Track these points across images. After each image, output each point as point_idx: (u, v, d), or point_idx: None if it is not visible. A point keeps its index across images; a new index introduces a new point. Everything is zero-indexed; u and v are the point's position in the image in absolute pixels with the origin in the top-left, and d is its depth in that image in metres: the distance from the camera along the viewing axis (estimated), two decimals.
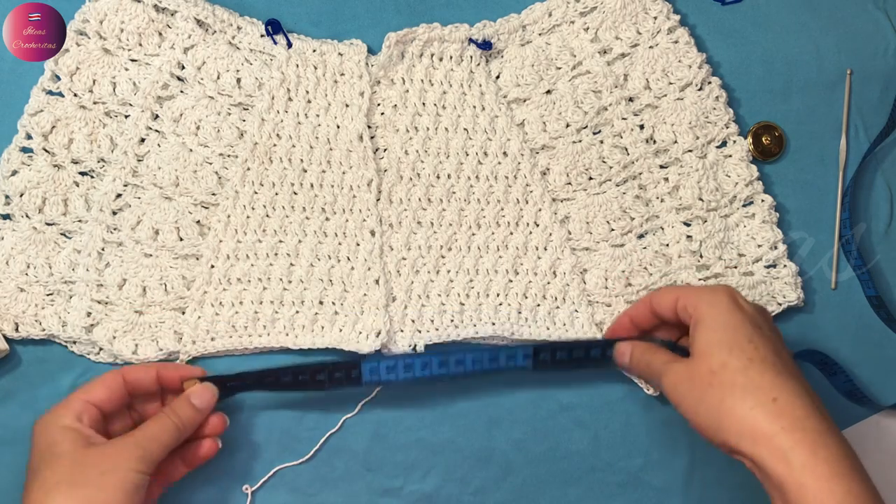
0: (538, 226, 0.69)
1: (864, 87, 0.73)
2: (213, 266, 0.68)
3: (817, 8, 0.73)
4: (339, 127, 0.69)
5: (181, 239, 0.68)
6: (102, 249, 0.67)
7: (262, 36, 0.69)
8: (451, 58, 0.69)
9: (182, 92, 0.68)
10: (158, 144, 0.68)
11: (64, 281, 0.67)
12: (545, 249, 0.69)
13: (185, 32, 0.68)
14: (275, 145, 0.68)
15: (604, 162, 0.70)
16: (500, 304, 0.69)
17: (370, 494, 0.69)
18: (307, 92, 0.69)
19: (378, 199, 0.69)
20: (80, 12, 0.68)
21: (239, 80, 0.68)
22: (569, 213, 0.70)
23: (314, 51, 0.69)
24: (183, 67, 0.68)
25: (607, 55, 0.70)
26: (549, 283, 0.69)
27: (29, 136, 0.67)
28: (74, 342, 0.68)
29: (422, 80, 0.69)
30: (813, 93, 0.73)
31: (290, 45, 0.69)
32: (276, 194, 0.68)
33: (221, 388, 0.64)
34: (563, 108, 0.69)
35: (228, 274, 0.68)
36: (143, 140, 0.68)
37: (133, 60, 0.68)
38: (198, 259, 0.68)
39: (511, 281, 0.69)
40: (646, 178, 0.70)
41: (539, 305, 0.69)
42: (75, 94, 0.67)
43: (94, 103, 0.68)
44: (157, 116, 0.68)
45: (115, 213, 0.68)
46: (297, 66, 0.69)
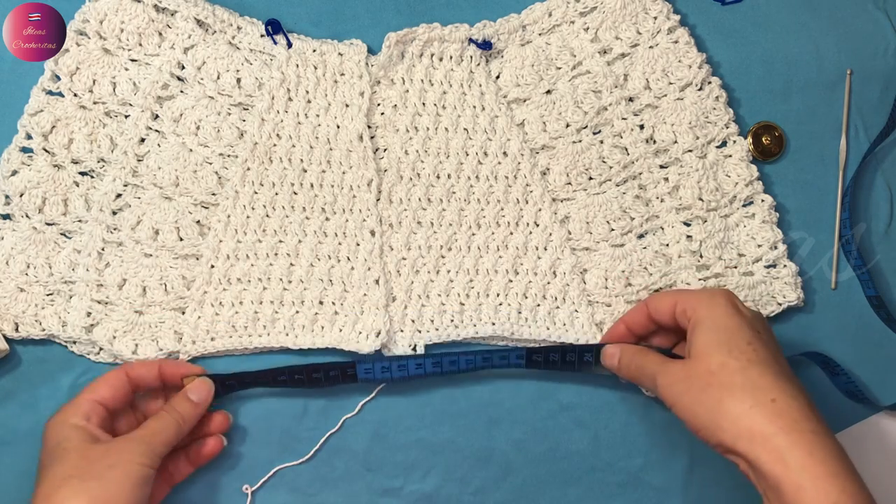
0: (538, 226, 0.69)
1: (864, 87, 0.73)
2: (213, 266, 0.68)
3: (817, 8, 0.73)
4: (339, 127, 0.69)
5: (181, 239, 0.68)
6: (102, 249, 0.67)
7: (262, 36, 0.69)
8: (451, 58, 0.69)
9: (182, 92, 0.68)
10: (158, 144, 0.68)
11: (64, 281, 0.67)
12: (545, 249, 0.69)
13: (185, 32, 0.68)
14: (275, 145, 0.68)
15: (604, 162, 0.70)
16: (500, 304, 0.69)
17: (370, 494, 0.69)
18: (307, 92, 0.69)
19: (378, 199, 0.69)
20: (80, 12, 0.68)
21: (239, 80, 0.68)
22: (569, 213, 0.70)
23: (314, 51, 0.69)
24: (183, 67, 0.68)
25: (607, 55, 0.70)
26: (549, 283, 0.69)
27: (29, 136, 0.67)
28: (74, 342, 0.68)
29: (422, 80, 0.69)
30: (813, 93, 0.73)
31: (290, 45, 0.69)
32: (276, 194, 0.68)
33: (220, 386, 0.66)
34: (563, 108, 0.69)
35: (228, 274, 0.68)
36: (143, 140, 0.68)
37: (133, 60, 0.68)
38: (198, 259, 0.68)
39: (511, 281, 0.69)
40: (646, 178, 0.70)
41: (539, 305, 0.69)
42: (75, 94, 0.67)
43: (94, 103, 0.68)
44: (157, 116, 0.68)
45: (115, 213, 0.68)
46: (297, 66, 0.69)
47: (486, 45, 0.69)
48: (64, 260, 0.67)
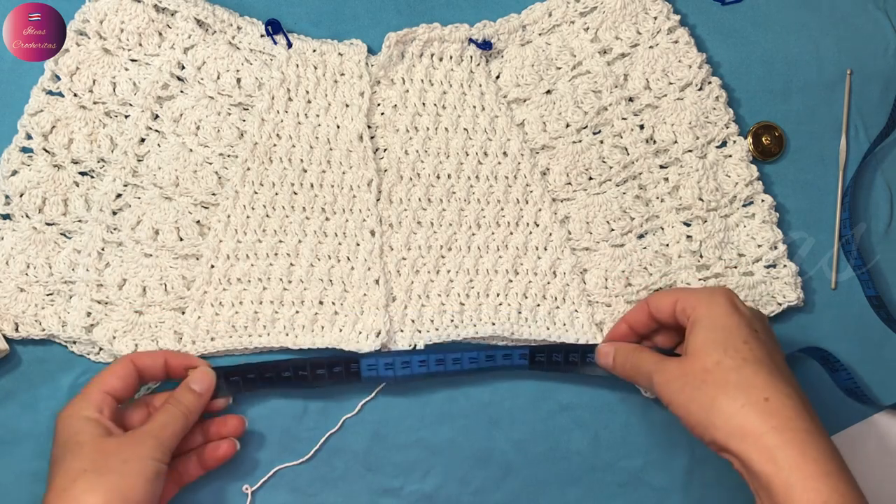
0: (538, 226, 0.69)
1: (864, 87, 0.73)
2: (213, 266, 0.68)
3: (817, 8, 0.73)
4: (339, 127, 0.69)
5: (181, 239, 0.68)
6: (102, 249, 0.67)
7: (262, 36, 0.69)
8: (451, 58, 0.69)
9: (182, 92, 0.68)
10: (158, 144, 0.68)
11: (64, 281, 0.67)
12: (545, 249, 0.69)
13: (185, 32, 0.68)
14: (275, 145, 0.68)
15: (604, 162, 0.70)
16: (500, 304, 0.69)
17: (370, 494, 0.69)
18: (307, 92, 0.69)
19: (378, 199, 0.69)
20: (80, 12, 0.68)
21: (239, 80, 0.68)
22: (569, 213, 0.70)
23: (314, 51, 0.69)
24: (183, 67, 0.68)
25: (607, 55, 0.70)
26: (549, 283, 0.69)
27: (29, 136, 0.67)
28: (74, 342, 0.68)
29: (422, 80, 0.69)
30: (813, 93, 0.73)
31: (290, 45, 0.69)
32: (276, 194, 0.68)
33: (223, 381, 0.66)
34: (563, 108, 0.69)
35: (228, 274, 0.68)
36: (143, 140, 0.68)
37: (133, 60, 0.68)
38: (198, 259, 0.68)
39: (511, 281, 0.69)
40: (646, 178, 0.70)
41: (539, 305, 0.69)
42: (75, 94, 0.67)
43: (94, 103, 0.68)
44: (157, 116, 0.68)
45: (115, 213, 0.68)
46: (297, 66, 0.69)
47: (486, 45, 0.69)
48: (64, 260, 0.67)
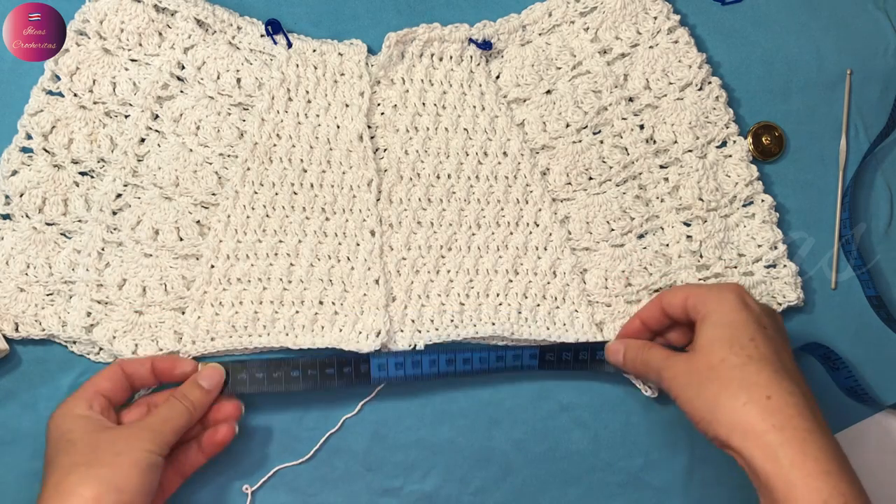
0: (538, 226, 0.69)
1: (864, 87, 0.73)
2: (213, 266, 0.68)
3: (817, 8, 0.73)
4: (339, 127, 0.69)
5: (181, 239, 0.68)
6: (102, 249, 0.67)
7: (262, 36, 0.69)
8: (451, 58, 0.69)
9: (182, 92, 0.68)
10: (158, 144, 0.68)
11: (64, 281, 0.67)
12: (545, 249, 0.69)
13: (185, 32, 0.68)
14: (275, 145, 0.68)
15: (604, 162, 0.70)
16: (500, 304, 0.69)
17: (370, 494, 0.69)
18: (307, 92, 0.69)
19: (378, 199, 0.69)
20: (80, 12, 0.68)
21: (239, 80, 0.68)
22: (569, 213, 0.70)
23: (314, 51, 0.69)
24: (183, 67, 0.68)
25: (607, 55, 0.70)
26: (549, 283, 0.69)
27: (29, 136, 0.67)
28: (74, 342, 0.68)
29: (422, 80, 0.69)
30: (813, 93, 0.73)
31: (290, 45, 0.69)
32: (276, 194, 0.68)
33: (232, 379, 0.66)
34: (563, 108, 0.69)
35: (228, 274, 0.68)
36: (143, 140, 0.68)
37: (133, 60, 0.68)
38: (198, 259, 0.68)
39: (511, 281, 0.69)
40: (646, 178, 0.70)
41: (539, 305, 0.69)
42: (75, 94, 0.67)
43: (94, 103, 0.68)
44: (157, 116, 0.68)
45: (115, 213, 0.68)
46: (297, 66, 0.69)
47: (486, 45, 0.69)
48: (64, 260, 0.67)
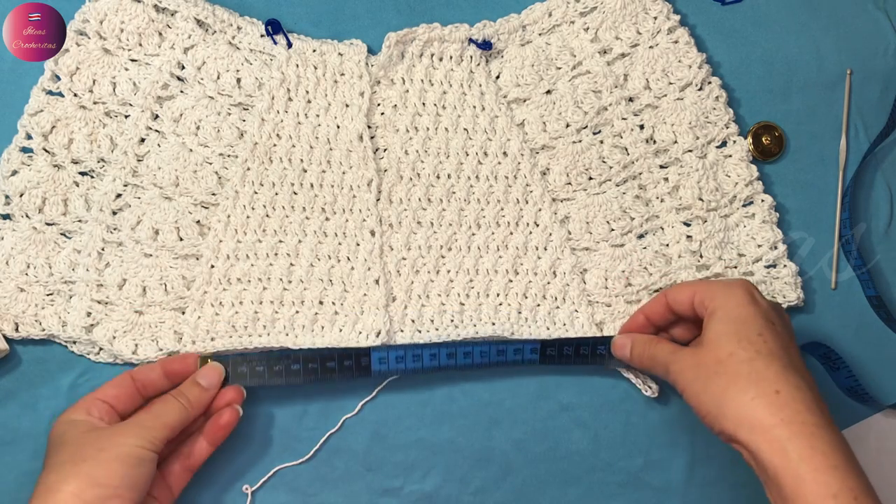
0: (538, 226, 0.69)
1: (864, 87, 0.73)
2: (213, 266, 0.68)
3: (817, 8, 0.73)
4: (339, 127, 0.69)
5: (181, 239, 0.68)
6: (102, 249, 0.67)
7: (262, 36, 0.69)
8: (451, 58, 0.69)
9: (182, 92, 0.68)
10: (158, 144, 0.68)
11: (64, 281, 0.67)
12: (545, 249, 0.69)
13: (185, 32, 0.68)
14: (275, 145, 0.68)
15: (604, 162, 0.70)
16: (500, 304, 0.69)
17: (370, 494, 0.69)
18: (307, 92, 0.69)
19: (378, 199, 0.69)
20: (80, 12, 0.68)
21: (239, 80, 0.68)
22: (569, 213, 0.70)
23: (314, 51, 0.69)
24: (183, 67, 0.68)
25: (607, 55, 0.70)
26: (549, 283, 0.69)
27: (29, 136, 0.67)
28: (74, 342, 0.68)
29: (422, 80, 0.69)
30: (813, 93, 0.73)
31: (290, 45, 0.69)
32: (276, 194, 0.68)
33: (231, 371, 0.66)
34: (563, 108, 0.69)
35: (228, 274, 0.68)
36: (143, 140, 0.68)
37: (133, 60, 0.68)
38: (198, 259, 0.68)
39: (511, 281, 0.69)
40: (646, 178, 0.70)
41: (539, 305, 0.69)
42: (75, 94, 0.67)
43: (94, 103, 0.68)
44: (157, 116, 0.68)
45: (115, 213, 0.68)
46: (297, 66, 0.69)
47: (486, 45, 0.69)
48: (64, 260, 0.67)
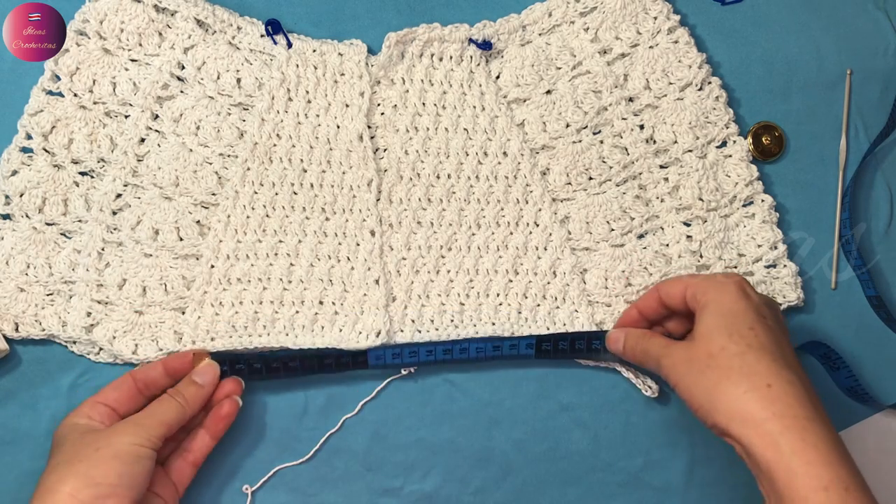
0: (538, 226, 0.69)
1: (864, 87, 0.73)
2: (213, 266, 0.68)
3: (817, 8, 0.73)
4: (339, 127, 0.69)
5: (181, 239, 0.68)
6: (102, 249, 0.67)
7: (262, 36, 0.69)
8: (451, 58, 0.69)
9: (182, 92, 0.68)
10: (158, 144, 0.68)
11: (64, 281, 0.67)
12: (545, 249, 0.69)
13: (185, 32, 0.68)
14: (275, 145, 0.68)
15: (604, 162, 0.70)
16: (500, 304, 0.69)
17: (370, 494, 0.69)
18: (307, 92, 0.69)
19: (378, 199, 0.69)
20: (80, 12, 0.68)
21: (239, 80, 0.68)
22: (569, 213, 0.70)
23: (314, 51, 0.69)
24: (183, 67, 0.68)
25: (607, 55, 0.70)
26: (549, 283, 0.69)
27: (29, 136, 0.67)
28: (74, 342, 0.68)
29: (422, 80, 0.69)
30: (813, 93, 0.73)
31: (290, 45, 0.69)
32: (276, 194, 0.68)
33: (229, 369, 0.66)
34: (563, 108, 0.69)
35: (228, 274, 0.68)
36: (143, 140, 0.68)
37: (133, 60, 0.68)
38: (198, 259, 0.68)
39: (511, 281, 0.69)
40: (646, 178, 0.70)
41: (539, 305, 0.69)
42: (75, 94, 0.67)
43: (94, 103, 0.68)
44: (157, 116, 0.68)
45: (115, 213, 0.68)
46: (297, 66, 0.69)
47: (486, 45, 0.69)
48: (64, 260, 0.67)
